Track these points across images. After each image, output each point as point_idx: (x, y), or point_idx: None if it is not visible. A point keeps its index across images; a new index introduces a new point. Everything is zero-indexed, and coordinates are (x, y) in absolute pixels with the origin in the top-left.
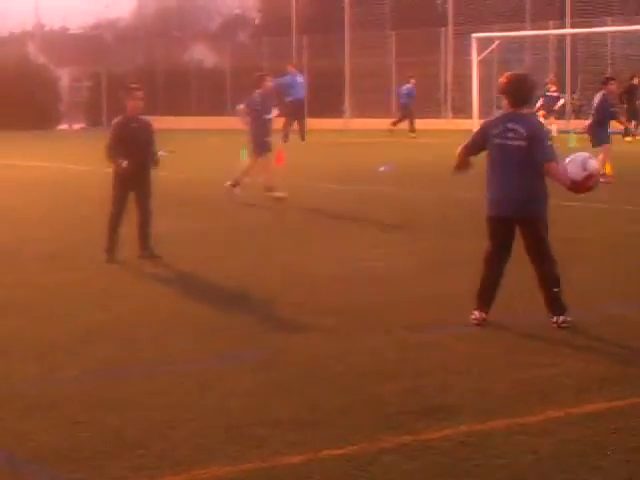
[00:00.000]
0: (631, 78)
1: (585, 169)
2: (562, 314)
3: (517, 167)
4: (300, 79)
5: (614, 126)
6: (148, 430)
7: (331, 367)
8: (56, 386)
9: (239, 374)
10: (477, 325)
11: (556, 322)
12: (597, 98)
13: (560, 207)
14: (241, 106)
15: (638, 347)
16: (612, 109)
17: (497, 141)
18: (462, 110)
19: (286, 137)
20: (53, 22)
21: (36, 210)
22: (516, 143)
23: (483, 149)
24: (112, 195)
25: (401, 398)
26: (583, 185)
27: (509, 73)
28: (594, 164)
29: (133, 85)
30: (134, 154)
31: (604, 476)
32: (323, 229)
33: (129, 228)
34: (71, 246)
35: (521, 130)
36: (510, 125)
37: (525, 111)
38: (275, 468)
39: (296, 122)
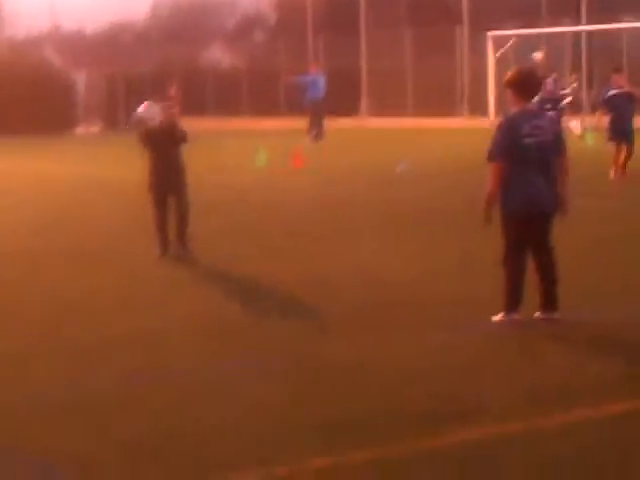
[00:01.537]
0: None
1: None
2: (557, 311)
3: (548, 162)
4: (322, 79)
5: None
6: (175, 437)
7: (353, 372)
8: (85, 390)
9: (264, 380)
10: (505, 325)
11: (551, 318)
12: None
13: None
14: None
15: None
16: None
17: (528, 140)
18: (478, 109)
19: (314, 138)
20: (69, 24)
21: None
22: (546, 138)
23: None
24: (151, 199)
25: (423, 402)
26: None
27: (515, 68)
28: None
29: (171, 91)
30: (165, 156)
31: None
32: (343, 233)
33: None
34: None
35: (546, 125)
36: (535, 122)
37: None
38: (301, 471)
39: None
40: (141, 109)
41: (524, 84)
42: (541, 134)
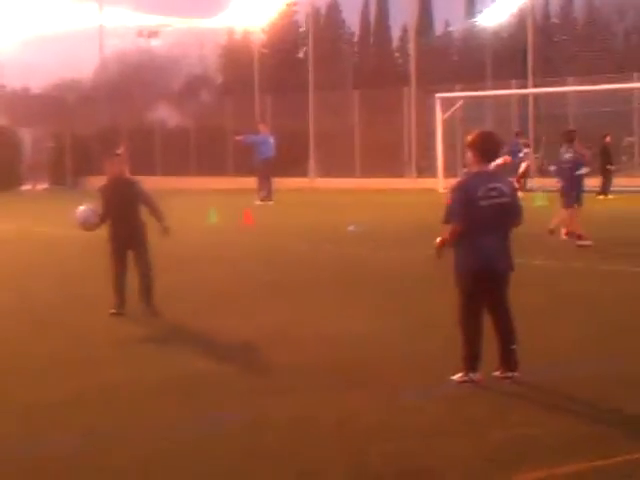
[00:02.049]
0: (604, 137)
1: None
2: (516, 370)
3: (504, 223)
4: (271, 139)
5: (589, 184)
6: None
7: (315, 429)
8: (43, 449)
9: (225, 438)
10: (465, 385)
11: (511, 377)
12: (569, 156)
13: (533, 267)
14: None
15: (613, 407)
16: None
17: (484, 203)
18: (426, 169)
19: (264, 198)
20: (14, 82)
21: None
22: (502, 200)
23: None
24: (110, 257)
25: (387, 460)
26: None
27: (477, 130)
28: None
29: (118, 151)
30: (123, 214)
31: None
32: (300, 289)
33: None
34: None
35: (503, 188)
36: (491, 185)
37: (489, 168)
38: None
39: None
40: (79, 215)
41: (485, 146)
42: (498, 196)
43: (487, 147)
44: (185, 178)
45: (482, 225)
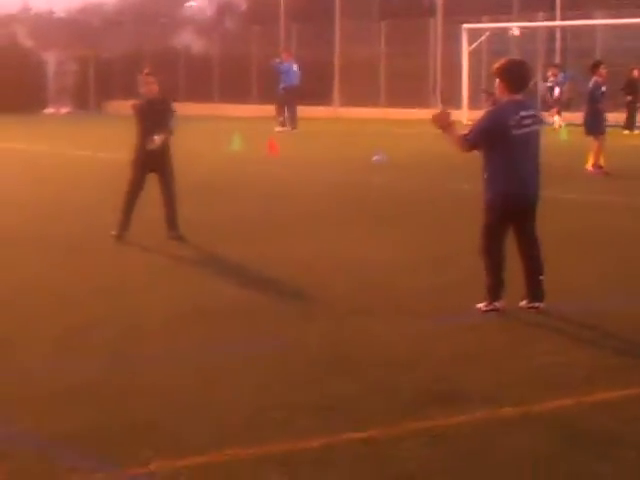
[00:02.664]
0: (631, 71)
1: None
2: (542, 300)
3: (536, 153)
4: (295, 67)
5: (614, 119)
6: (168, 415)
7: (345, 356)
8: (74, 372)
9: (256, 362)
10: (491, 313)
11: (537, 307)
12: (590, 84)
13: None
14: None
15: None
16: (600, 92)
17: (517, 132)
18: (450, 100)
19: (283, 124)
20: (39, 5)
21: (44, 195)
22: (535, 128)
23: (487, 144)
24: (130, 176)
25: (416, 386)
26: None
27: (506, 58)
28: None
29: (145, 71)
30: (154, 134)
31: (616, 465)
32: (325, 220)
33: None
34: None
35: (535, 114)
36: (523, 113)
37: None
38: (294, 452)
39: (287, 109)
40: None
41: (514, 74)
42: (531, 124)
43: (516, 75)
44: (209, 104)
45: (513, 153)
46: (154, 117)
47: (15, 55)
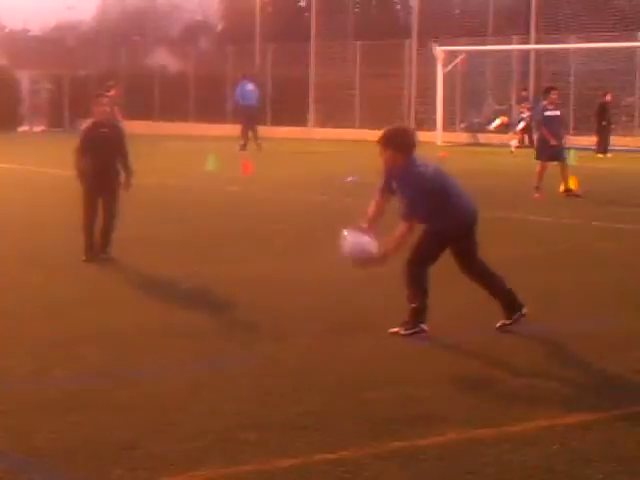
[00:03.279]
0: (603, 95)
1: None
2: (522, 307)
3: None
4: (250, 87)
5: (582, 142)
6: (142, 432)
7: (319, 374)
8: (50, 386)
9: (230, 380)
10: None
11: (523, 315)
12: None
13: (528, 221)
14: None
15: (614, 362)
16: (543, 116)
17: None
18: (425, 122)
19: (244, 146)
20: (14, 23)
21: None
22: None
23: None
24: (83, 199)
25: (390, 406)
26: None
27: (389, 127)
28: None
29: (99, 92)
30: (101, 159)
31: None
32: (297, 237)
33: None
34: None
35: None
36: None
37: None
38: (267, 471)
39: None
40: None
41: (403, 140)
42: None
43: (405, 141)
44: (184, 124)
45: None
46: (102, 142)
47: None
